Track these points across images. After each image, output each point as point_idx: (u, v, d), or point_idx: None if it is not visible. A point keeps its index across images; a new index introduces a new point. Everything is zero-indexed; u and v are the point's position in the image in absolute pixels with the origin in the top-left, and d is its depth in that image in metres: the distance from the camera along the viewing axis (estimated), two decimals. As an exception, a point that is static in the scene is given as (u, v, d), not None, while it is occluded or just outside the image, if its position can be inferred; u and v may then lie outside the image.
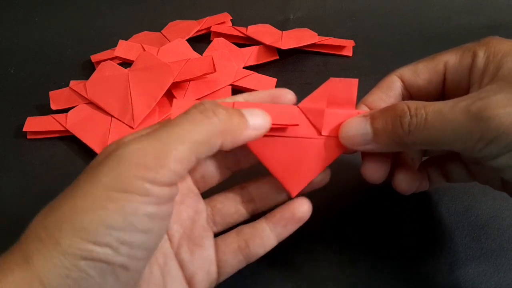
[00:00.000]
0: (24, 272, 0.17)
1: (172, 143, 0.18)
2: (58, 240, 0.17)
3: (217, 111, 0.21)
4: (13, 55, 0.50)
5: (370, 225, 0.30)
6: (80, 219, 0.17)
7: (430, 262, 0.28)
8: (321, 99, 0.25)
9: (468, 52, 0.24)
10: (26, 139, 0.39)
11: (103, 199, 0.17)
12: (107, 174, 0.17)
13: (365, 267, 0.28)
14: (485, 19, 0.51)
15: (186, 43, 0.46)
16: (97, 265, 0.17)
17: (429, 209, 0.31)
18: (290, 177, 0.25)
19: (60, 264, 0.17)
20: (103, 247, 0.17)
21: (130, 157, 0.18)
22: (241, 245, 0.25)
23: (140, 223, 0.18)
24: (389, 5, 0.53)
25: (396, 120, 0.22)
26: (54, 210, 0.18)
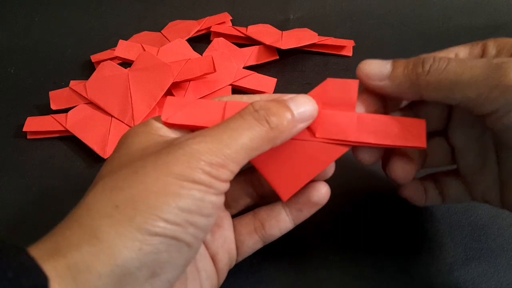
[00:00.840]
0: (94, 247, 0.18)
1: (233, 148, 0.21)
2: (133, 217, 0.18)
3: (269, 118, 0.22)
4: (13, 55, 0.50)
5: (370, 225, 0.30)
6: (154, 200, 0.19)
7: (430, 262, 0.28)
8: (318, 99, 0.24)
9: (477, 45, 0.25)
10: (26, 139, 0.39)
11: (176, 186, 0.19)
12: (177, 165, 0.19)
13: (365, 267, 0.28)
14: (485, 19, 0.51)
15: (186, 43, 0.46)
16: (167, 241, 0.19)
17: (429, 209, 0.31)
18: (282, 181, 0.24)
19: (134, 239, 0.18)
20: (174, 225, 0.19)
21: (199, 154, 0.20)
22: (257, 226, 0.26)
23: (206, 208, 0.20)
24: (389, 5, 0.53)
25: (418, 62, 0.23)
26: (120, 189, 0.19)
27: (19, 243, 0.18)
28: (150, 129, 0.23)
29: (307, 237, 0.30)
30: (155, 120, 0.24)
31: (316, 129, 0.24)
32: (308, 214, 0.26)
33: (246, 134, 0.21)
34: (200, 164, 0.20)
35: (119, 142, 0.23)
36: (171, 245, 0.19)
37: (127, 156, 0.21)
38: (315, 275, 0.28)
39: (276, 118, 0.22)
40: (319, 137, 0.24)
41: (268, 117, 0.22)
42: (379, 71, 0.24)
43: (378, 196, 0.32)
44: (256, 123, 0.22)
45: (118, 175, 0.20)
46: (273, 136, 0.22)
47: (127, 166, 0.20)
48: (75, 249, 0.18)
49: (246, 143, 0.21)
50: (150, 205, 0.18)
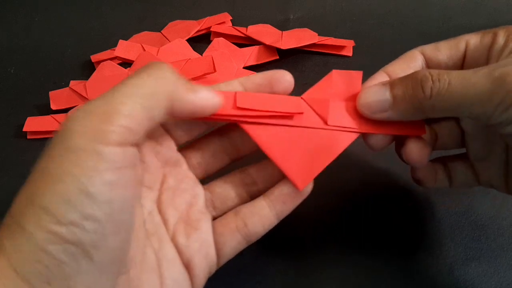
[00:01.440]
0: (0, 262, 0.16)
1: (118, 99, 0.18)
2: (23, 225, 0.16)
3: (163, 69, 0.20)
4: (13, 55, 0.50)
5: (370, 225, 0.30)
6: (40, 199, 0.16)
7: (430, 262, 0.28)
8: (325, 90, 0.25)
9: (489, 33, 0.25)
10: (26, 139, 0.39)
11: (59, 173, 0.16)
12: (59, 148, 0.17)
13: (365, 267, 0.28)
14: (485, 19, 0.51)
15: (186, 43, 0.46)
16: (66, 247, 0.16)
17: (429, 209, 0.31)
18: (297, 170, 0.24)
19: (29, 251, 0.16)
20: (68, 225, 0.16)
21: (77, 125, 0.17)
22: (239, 225, 0.24)
23: (100, 193, 0.17)
24: (389, 5, 0.53)
25: (417, 84, 0.22)
26: (20, 195, 0.18)
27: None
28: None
29: (307, 237, 0.30)
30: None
31: (327, 118, 0.24)
32: (292, 206, 0.25)
33: (135, 83, 0.19)
34: (79, 135, 0.17)
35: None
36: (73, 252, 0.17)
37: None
38: (315, 275, 0.28)
39: (172, 72, 0.20)
40: (331, 125, 0.24)
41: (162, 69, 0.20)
42: (378, 100, 0.24)
43: (378, 196, 0.32)
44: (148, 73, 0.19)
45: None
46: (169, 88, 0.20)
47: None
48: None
49: (135, 91, 0.18)
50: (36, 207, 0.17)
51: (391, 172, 0.33)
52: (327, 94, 0.25)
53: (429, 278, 0.27)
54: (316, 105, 0.25)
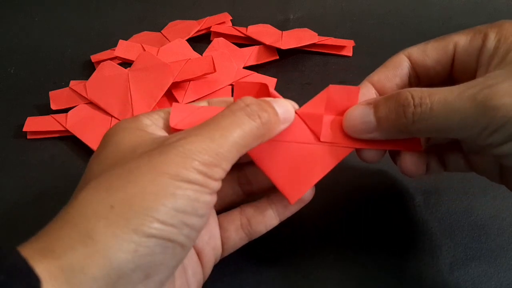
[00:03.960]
0: (87, 248, 0.17)
1: (225, 146, 0.21)
2: (129, 218, 0.18)
3: (261, 113, 0.22)
4: (13, 55, 0.50)
5: (370, 224, 0.30)
6: (150, 201, 0.18)
7: (430, 262, 0.28)
8: (320, 105, 0.25)
9: (479, 34, 0.24)
10: (26, 139, 0.39)
11: (171, 186, 0.19)
12: (172, 165, 0.19)
13: (365, 267, 0.28)
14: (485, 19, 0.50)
15: (186, 43, 0.46)
16: (163, 243, 0.19)
17: (429, 209, 0.31)
18: (289, 184, 0.25)
19: (130, 240, 0.18)
20: (170, 227, 0.19)
21: (192, 154, 0.20)
22: (244, 222, 0.26)
23: (200, 209, 0.20)
24: (389, 5, 0.53)
25: (399, 109, 0.22)
26: (116, 190, 0.19)
27: (19, 243, 0.18)
28: (139, 125, 0.23)
29: (307, 237, 0.30)
30: (144, 116, 0.23)
31: (320, 134, 0.25)
32: (294, 210, 0.26)
33: (237, 132, 0.21)
34: (194, 164, 0.19)
35: (105, 138, 0.23)
36: (166, 247, 0.19)
37: (118, 154, 0.21)
38: (315, 275, 0.28)
39: (266, 114, 0.22)
40: (323, 141, 0.25)
41: (260, 113, 0.22)
42: (363, 123, 0.24)
43: (378, 195, 0.32)
44: (248, 118, 0.22)
45: (111, 175, 0.20)
46: (262, 133, 0.22)
47: (120, 165, 0.20)
48: (69, 250, 0.17)
49: (237, 141, 0.21)
50: (146, 207, 0.18)
51: (391, 172, 0.33)
52: (321, 109, 0.25)
53: (429, 278, 0.27)
54: (310, 121, 0.25)
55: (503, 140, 0.20)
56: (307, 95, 0.44)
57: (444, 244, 0.29)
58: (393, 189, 0.28)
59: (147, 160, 0.20)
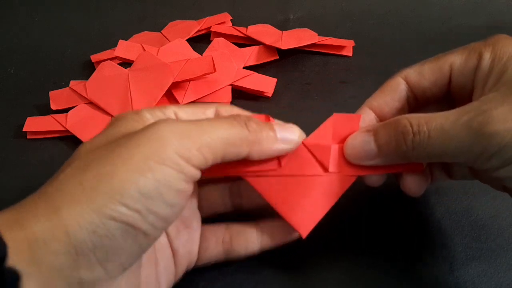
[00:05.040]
0: (50, 222, 0.17)
1: (209, 133, 0.20)
2: (93, 197, 0.18)
3: (248, 123, 0.22)
4: (13, 55, 0.50)
5: (370, 225, 0.30)
6: (118, 182, 0.18)
7: (430, 262, 0.28)
8: (326, 135, 0.25)
9: (474, 53, 0.24)
10: (26, 139, 0.39)
11: (143, 167, 0.19)
12: (148, 145, 0.19)
13: (365, 267, 0.28)
14: (485, 19, 0.51)
15: (186, 43, 0.46)
16: (124, 227, 0.18)
17: (429, 209, 0.31)
18: (299, 218, 0.25)
19: (90, 220, 0.18)
20: (134, 212, 0.18)
21: (172, 135, 0.19)
22: (226, 239, 0.26)
23: (170, 196, 0.19)
24: (389, 5, 0.53)
25: (399, 137, 0.23)
26: (90, 168, 0.19)
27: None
28: (140, 118, 0.23)
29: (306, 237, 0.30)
30: (146, 110, 0.23)
31: (328, 164, 0.25)
32: (279, 243, 0.26)
33: (225, 128, 0.21)
34: (172, 145, 0.19)
35: (106, 127, 0.23)
36: (127, 232, 0.18)
37: (108, 137, 0.21)
38: (315, 275, 0.28)
39: (256, 125, 0.22)
40: (332, 172, 0.25)
41: (248, 122, 0.22)
42: (364, 151, 0.24)
43: (378, 195, 0.32)
44: (236, 123, 0.22)
45: (93, 154, 0.20)
46: (251, 140, 0.22)
47: (104, 147, 0.20)
48: (34, 221, 0.18)
49: (224, 135, 0.21)
50: (113, 187, 0.18)
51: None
52: (328, 139, 0.25)
53: (429, 278, 0.27)
54: (318, 152, 0.25)
55: (500, 165, 0.21)
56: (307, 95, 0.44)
57: (444, 244, 0.29)
58: (393, 189, 0.28)
59: (128, 139, 0.20)
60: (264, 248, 0.26)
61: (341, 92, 0.42)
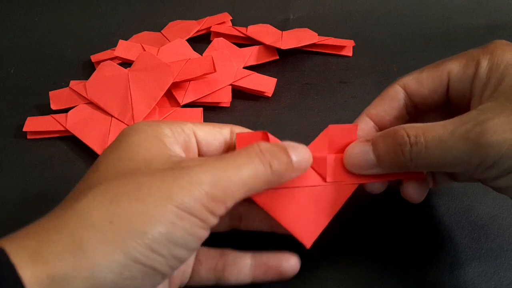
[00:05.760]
0: (77, 260, 0.17)
1: (235, 185, 0.21)
2: (123, 239, 0.18)
3: (273, 162, 0.22)
4: (13, 55, 0.50)
5: (370, 225, 0.30)
6: (149, 226, 0.18)
7: (430, 262, 0.28)
8: (322, 146, 0.25)
9: (472, 61, 0.24)
10: (26, 139, 0.39)
11: (173, 215, 0.19)
12: (180, 193, 0.19)
13: (365, 267, 0.28)
14: (485, 19, 0.51)
15: (186, 43, 0.46)
16: (147, 270, 0.18)
17: (429, 209, 0.31)
18: (302, 228, 0.25)
19: (118, 261, 0.18)
20: (159, 256, 0.19)
21: (203, 185, 0.20)
22: (219, 267, 0.25)
23: (193, 243, 0.20)
24: (389, 5, 0.53)
25: (397, 148, 0.23)
26: (120, 204, 0.19)
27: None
28: (158, 133, 0.22)
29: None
30: (166, 125, 0.23)
31: (326, 174, 0.25)
32: (270, 278, 0.25)
33: (249, 174, 0.21)
34: (202, 196, 0.19)
35: (121, 137, 0.22)
36: (148, 274, 0.19)
37: (131, 161, 0.21)
38: (315, 275, 0.28)
39: (278, 163, 0.22)
40: (330, 181, 0.25)
41: (272, 161, 0.22)
42: (364, 160, 0.24)
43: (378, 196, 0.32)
44: (261, 164, 0.22)
45: (119, 186, 0.19)
46: (272, 180, 0.22)
47: (130, 177, 0.20)
48: (58, 258, 0.17)
49: (247, 181, 0.21)
50: (143, 230, 0.18)
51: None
52: (324, 150, 0.25)
53: (429, 278, 0.27)
54: (315, 163, 0.25)
55: (498, 175, 0.21)
56: (307, 95, 0.44)
57: (444, 244, 0.29)
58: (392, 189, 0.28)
59: (159, 181, 0.19)
60: (254, 281, 0.26)
61: (341, 92, 0.42)
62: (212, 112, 0.41)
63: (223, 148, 0.25)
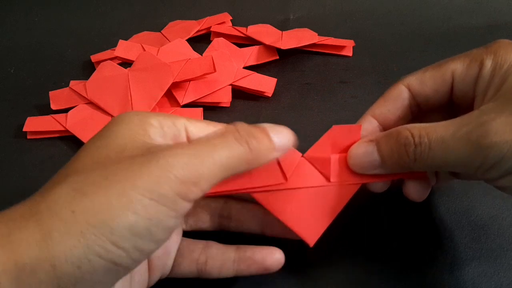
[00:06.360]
0: (40, 251, 0.17)
1: (209, 165, 0.20)
2: (84, 231, 0.17)
3: (249, 140, 0.22)
4: (13, 55, 0.50)
5: (370, 225, 0.30)
6: (110, 218, 0.18)
7: (430, 262, 0.28)
8: (326, 147, 0.25)
9: (476, 61, 0.24)
10: (26, 139, 0.39)
11: (137, 204, 0.18)
12: (146, 179, 0.18)
13: (365, 267, 0.28)
14: (485, 19, 0.51)
15: (186, 43, 0.46)
16: (108, 264, 0.18)
17: (429, 209, 0.31)
18: (306, 227, 0.25)
19: (78, 255, 0.17)
20: (120, 249, 0.18)
21: (172, 168, 0.19)
22: (201, 260, 0.25)
23: (158, 234, 0.19)
24: (389, 5, 0.53)
25: (401, 148, 0.23)
26: (85, 195, 0.18)
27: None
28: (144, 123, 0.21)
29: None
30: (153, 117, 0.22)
31: (330, 174, 0.25)
32: (254, 273, 0.25)
33: (224, 152, 0.20)
34: (171, 181, 0.18)
35: (108, 124, 0.21)
36: (109, 268, 0.18)
37: (105, 149, 0.20)
38: (314, 275, 0.28)
39: (256, 141, 0.22)
40: (334, 181, 0.25)
41: (248, 139, 0.22)
42: (368, 161, 0.25)
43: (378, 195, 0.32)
44: (236, 142, 0.21)
45: (88, 177, 0.19)
46: (250, 158, 0.22)
47: (101, 167, 0.19)
48: (25, 247, 0.17)
49: (222, 161, 0.20)
50: (104, 222, 0.17)
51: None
52: (328, 150, 0.25)
53: (429, 278, 0.27)
54: (318, 164, 0.26)
55: (500, 175, 0.22)
56: (307, 95, 0.44)
57: (444, 244, 0.29)
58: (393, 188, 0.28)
59: (126, 168, 0.19)
60: (237, 274, 0.26)
61: (341, 92, 0.42)
62: (212, 112, 0.41)
63: None
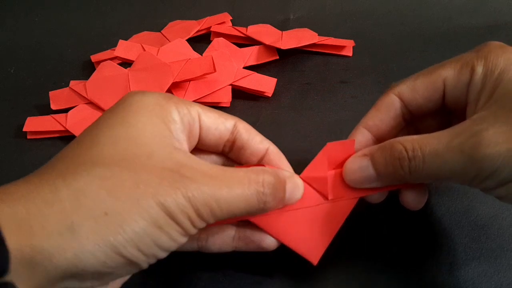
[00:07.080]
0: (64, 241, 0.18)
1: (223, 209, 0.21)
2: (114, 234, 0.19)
3: (268, 202, 0.23)
4: (13, 55, 0.50)
5: (369, 225, 0.30)
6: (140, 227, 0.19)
7: (430, 262, 0.28)
8: (322, 165, 0.26)
9: (467, 67, 0.24)
10: (26, 139, 0.39)
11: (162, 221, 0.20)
12: (172, 202, 0.20)
13: (365, 267, 0.28)
14: (485, 19, 0.51)
15: (186, 43, 0.46)
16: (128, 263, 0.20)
17: (429, 209, 0.31)
18: (308, 247, 0.25)
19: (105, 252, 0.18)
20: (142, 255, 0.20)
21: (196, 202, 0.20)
22: (202, 237, 0.26)
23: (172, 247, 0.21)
24: (389, 5, 0.53)
25: (395, 162, 0.23)
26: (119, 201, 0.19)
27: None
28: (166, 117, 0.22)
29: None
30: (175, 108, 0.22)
31: (327, 193, 0.26)
32: (251, 249, 0.26)
33: (241, 204, 0.22)
34: (190, 211, 0.20)
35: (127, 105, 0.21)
36: (128, 266, 0.20)
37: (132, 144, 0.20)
38: (314, 275, 0.28)
39: (273, 203, 0.23)
40: (332, 199, 0.26)
41: (268, 200, 0.22)
42: (363, 176, 0.25)
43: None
44: (255, 200, 0.22)
45: (117, 175, 0.19)
46: (257, 212, 0.23)
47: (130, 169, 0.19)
48: (46, 234, 0.17)
49: (236, 211, 0.22)
50: (134, 230, 0.19)
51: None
52: (324, 169, 0.26)
53: (429, 278, 0.27)
54: (316, 183, 0.26)
55: (495, 185, 0.22)
56: (307, 95, 0.44)
57: (444, 244, 0.29)
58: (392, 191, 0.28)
59: (157, 183, 0.20)
60: (236, 250, 0.26)
61: (341, 92, 0.42)
62: (212, 112, 0.41)
63: (222, 140, 0.25)
